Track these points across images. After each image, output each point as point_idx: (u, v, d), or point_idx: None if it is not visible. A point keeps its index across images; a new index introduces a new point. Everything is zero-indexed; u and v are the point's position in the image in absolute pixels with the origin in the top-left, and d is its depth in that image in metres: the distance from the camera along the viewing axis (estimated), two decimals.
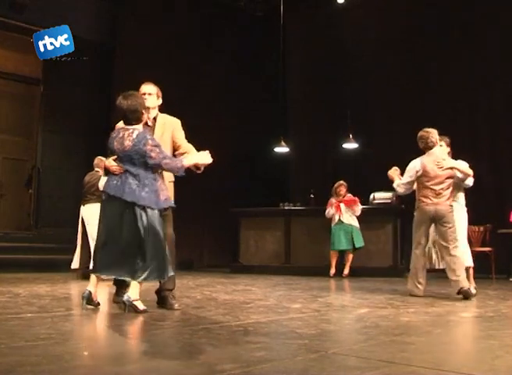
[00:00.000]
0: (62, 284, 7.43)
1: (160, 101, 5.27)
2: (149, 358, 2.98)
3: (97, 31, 12.01)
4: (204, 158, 4.86)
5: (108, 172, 4.75)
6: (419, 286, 6.38)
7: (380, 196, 10.52)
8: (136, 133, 4.63)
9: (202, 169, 5.00)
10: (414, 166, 6.52)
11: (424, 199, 6.43)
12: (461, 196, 6.82)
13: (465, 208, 6.86)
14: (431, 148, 6.49)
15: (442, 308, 5.29)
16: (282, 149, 12.70)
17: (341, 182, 10.34)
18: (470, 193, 7.73)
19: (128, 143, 4.60)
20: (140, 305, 4.54)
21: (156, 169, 4.67)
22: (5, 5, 10.51)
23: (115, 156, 4.67)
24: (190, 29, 12.93)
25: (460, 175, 6.53)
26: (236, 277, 9.69)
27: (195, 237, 12.92)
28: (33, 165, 12.23)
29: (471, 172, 6.60)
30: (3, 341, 3.27)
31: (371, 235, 10.40)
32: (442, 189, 6.40)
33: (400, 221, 10.38)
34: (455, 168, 6.49)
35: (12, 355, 2.94)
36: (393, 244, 10.25)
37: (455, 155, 6.94)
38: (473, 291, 6.41)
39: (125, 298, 4.54)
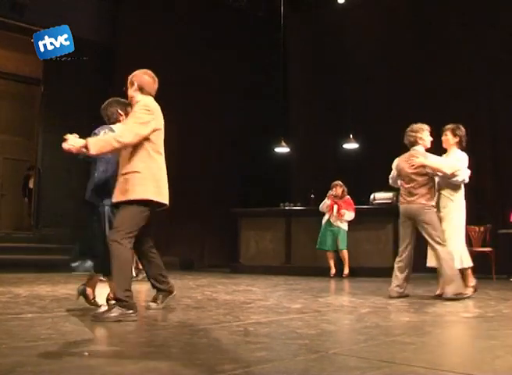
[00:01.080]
0: (63, 285, 7.43)
1: (134, 87, 4.74)
2: (150, 358, 2.98)
3: (97, 31, 12.01)
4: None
5: None
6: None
7: (380, 196, 10.52)
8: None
9: (88, 152, 4.43)
10: (393, 165, 6.51)
11: (401, 198, 6.39)
12: (456, 194, 6.42)
13: (461, 207, 6.45)
14: (412, 144, 6.33)
15: (443, 309, 5.29)
16: (282, 149, 12.71)
17: (336, 182, 10.30)
18: (469, 193, 7.60)
19: None
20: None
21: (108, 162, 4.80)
22: (6, 6, 10.52)
23: None
24: (190, 29, 12.93)
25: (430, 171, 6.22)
26: (237, 277, 9.69)
27: (196, 237, 12.94)
28: (31, 164, 12.24)
29: (444, 170, 6.19)
30: (4, 341, 3.28)
31: (372, 235, 10.41)
32: (413, 187, 6.19)
33: None
34: (425, 166, 6.17)
35: (12, 355, 2.94)
36: (394, 244, 10.23)
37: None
38: (468, 291, 6.25)
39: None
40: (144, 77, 4.75)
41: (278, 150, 12.76)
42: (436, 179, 6.38)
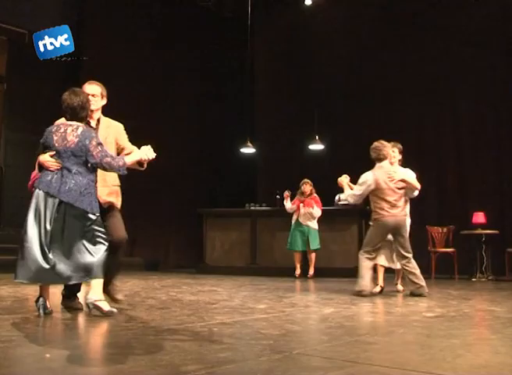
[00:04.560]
0: (25, 286, 7.29)
1: (104, 102, 4.99)
2: (113, 359, 2.95)
3: None
4: (147, 153, 4.55)
5: (41, 168, 4.50)
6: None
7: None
8: (80, 129, 4.46)
9: (145, 165, 4.74)
10: (367, 180, 6.64)
11: (381, 211, 6.58)
12: (407, 206, 6.94)
13: (409, 218, 7.04)
14: (381, 160, 6.65)
15: (406, 308, 5.35)
16: (248, 150, 12.72)
17: (305, 180, 10.38)
18: (433, 194, 7.71)
19: (72, 139, 4.41)
20: (106, 306, 4.47)
21: (96, 169, 4.51)
22: None
23: (53, 152, 4.44)
24: (156, 29, 12.88)
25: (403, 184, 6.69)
26: (202, 278, 9.66)
27: (161, 237, 12.87)
28: None
29: (418, 185, 6.73)
30: None
31: (336, 236, 10.48)
32: (395, 200, 6.56)
33: (365, 222, 10.47)
34: (405, 180, 6.64)
35: None
36: (358, 244, 10.30)
37: (409, 161, 7.21)
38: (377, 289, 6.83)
39: (88, 300, 4.43)
40: None
41: (244, 150, 12.76)
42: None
